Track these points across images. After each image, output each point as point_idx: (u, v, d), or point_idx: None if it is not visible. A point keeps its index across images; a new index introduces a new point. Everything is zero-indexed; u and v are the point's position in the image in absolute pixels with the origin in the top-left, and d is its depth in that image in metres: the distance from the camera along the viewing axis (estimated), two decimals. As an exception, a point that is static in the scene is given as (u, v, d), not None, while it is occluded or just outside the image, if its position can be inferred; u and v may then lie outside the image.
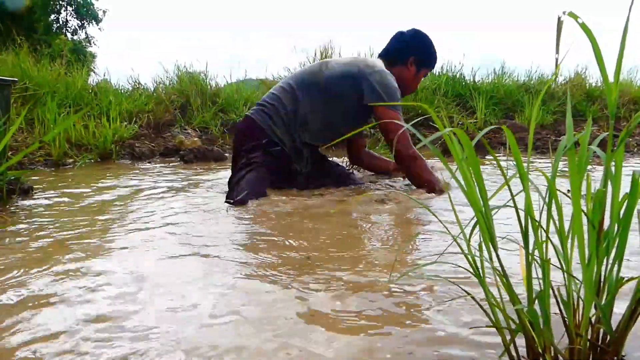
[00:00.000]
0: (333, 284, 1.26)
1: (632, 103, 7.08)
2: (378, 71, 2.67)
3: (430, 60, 2.94)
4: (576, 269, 0.79)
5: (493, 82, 7.20)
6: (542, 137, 5.40)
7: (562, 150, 0.77)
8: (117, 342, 0.96)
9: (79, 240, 1.72)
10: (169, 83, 6.08)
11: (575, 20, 0.74)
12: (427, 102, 6.39)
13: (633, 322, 0.79)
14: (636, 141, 5.12)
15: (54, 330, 1.01)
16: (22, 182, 2.60)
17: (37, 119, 4.57)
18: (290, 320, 1.05)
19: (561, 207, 0.79)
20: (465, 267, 0.87)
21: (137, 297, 1.18)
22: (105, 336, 0.98)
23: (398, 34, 2.95)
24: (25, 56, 5.56)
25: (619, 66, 0.77)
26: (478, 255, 0.83)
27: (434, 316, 1.06)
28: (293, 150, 2.67)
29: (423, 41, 2.90)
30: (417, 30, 2.93)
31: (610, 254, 0.79)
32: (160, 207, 2.30)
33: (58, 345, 0.95)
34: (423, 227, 1.89)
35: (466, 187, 0.80)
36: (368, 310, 1.09)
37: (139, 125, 5.13)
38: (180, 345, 0.94)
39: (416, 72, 2.89)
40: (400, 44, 2.91)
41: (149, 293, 1.21)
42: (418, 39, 2.91)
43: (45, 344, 0.95)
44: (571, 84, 7.42)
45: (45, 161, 4.09)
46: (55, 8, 23.64)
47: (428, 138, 0.75)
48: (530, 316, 0.78)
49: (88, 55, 19.74)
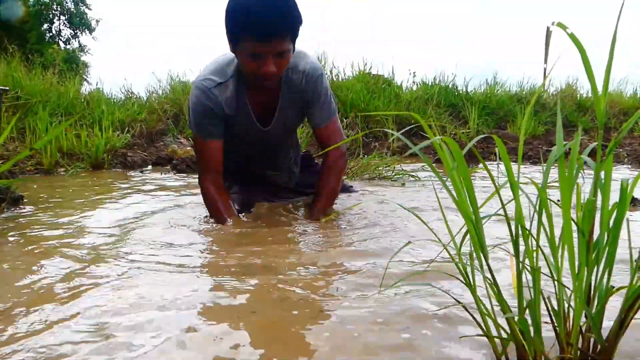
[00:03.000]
0: (319, 292, 1.25)
1: (622, 114, 7.16)
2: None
3: (229, 23, 1.80)
4: (567, 278, 0.79)
5: (485, 92, 7.26)
6: (533, 147, 5.44)
7: (553, 160, 0.77)
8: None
9: (67, 249, 1.71)
10: (161, 92, 6.10)
11: (564, 30, 0.75)
12: (420, 112, 6.42)
13: (623, 331, 0.79)
14: (626, 151, 5.16)
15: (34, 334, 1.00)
16: (12, 191, 2.59)
17: (28, 128, 4.55)
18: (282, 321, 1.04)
19: (551, 216, 0.79)
20: (456, 275, 0.87)
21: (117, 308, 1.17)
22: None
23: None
24: (17, 65, 5.55)
25: (607, 77, 0.77)
26: (469, 263, 0.83)
27: (424, 325, 1.06)
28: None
29: (227, 7, 1.81)
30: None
31: (600, 263, 0.79)
32: (148, 217, 2.29)
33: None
34: (412, 236, 1.89)
35: (457, 195, 0.80)
36: (359, 318, 1.09)
37: (131, 135, 5.12)
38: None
39: (234, 48, 1.88)
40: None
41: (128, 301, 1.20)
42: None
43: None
44: (562, 94, 7.49)
45: (36, 170, 4.07)
46: (48, 17, 23.66)
47: (418, 145, 0.75)
48: (521, 325, 0.78)
49: (81, 64, 19.73)
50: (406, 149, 5.13)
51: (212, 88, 2.02)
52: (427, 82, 7.40)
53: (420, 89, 7.16)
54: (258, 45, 1.78)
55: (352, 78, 6.93)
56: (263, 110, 2.15)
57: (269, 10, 1.72)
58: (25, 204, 2.59)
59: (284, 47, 1.81)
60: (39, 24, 22.66)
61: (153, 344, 0.97)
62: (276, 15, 1.73)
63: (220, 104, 2.04)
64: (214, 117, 2.06)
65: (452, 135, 5.80)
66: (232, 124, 2.13)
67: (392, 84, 7.18)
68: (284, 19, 1.76)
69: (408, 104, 6.52)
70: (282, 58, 1.85)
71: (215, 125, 2.08)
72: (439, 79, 7.36)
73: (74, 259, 1.58)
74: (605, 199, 0.78)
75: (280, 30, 1.76)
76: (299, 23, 1.84)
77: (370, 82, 6.81)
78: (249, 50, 1.80)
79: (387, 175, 3.66)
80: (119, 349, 0.95)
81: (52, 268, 1.49)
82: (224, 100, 2.04)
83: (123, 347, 0.96)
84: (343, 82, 6.68)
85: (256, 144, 2.29)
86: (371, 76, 7.08)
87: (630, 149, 5.29)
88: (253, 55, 1.81)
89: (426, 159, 0.81)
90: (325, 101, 2.16)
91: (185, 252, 1.66)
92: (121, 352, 0.94)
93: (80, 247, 1.76)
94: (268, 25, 1.73)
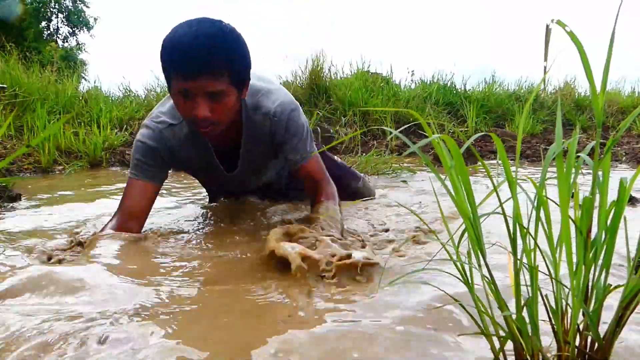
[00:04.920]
0: (319, 290, 1.25)
1: (620, 113, 7.17)
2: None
3: (161, 59, 1.61)
4: (564, 277, 0.79)
5: (484, 90, 7.27)
6: (532, 146, 5.44)
7: (551, 157, 0.77)
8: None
9: (62, 248, 1.71)
10: (160, 90, 6.08)
11: (563, 28, 0.74)
12: (418, 110, 6.42)
13: (620, 329, 0.80)
14: (624, 150, 5.17)
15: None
16: (9, 189, 2.58)
17: (26, 126, 4.55)
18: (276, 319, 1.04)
19: (549, 214, 0.79)
20: (454, 273, 0.87)
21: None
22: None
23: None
24: (15, 63, 5.54)
25: (605, 75, 0.77)
26: (467, 262, 0.83)
27: (421, 322, 1.06)
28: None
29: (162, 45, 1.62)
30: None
31: (598, 261, 0.79)
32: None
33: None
34: (410, 233, 1.89)
35: (455, 194, 0.80)
36: (353, 316, 1.09)
37: (129, 133, 5.11)
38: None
39: (169, 89, 1.67)
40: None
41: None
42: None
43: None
44: (561, 93, 7.50)
45: (34, 168, 4.06)
46: (46, 15, 23.60)
47: (416, 144, 0.75)
48: (519, 323, 0.78)
49: (79, 62, 19.70)
50: (404, 147, 5.13)
51: (163, 129, 1.83)
52: (426, 80, 7.40)
53: (418, 88, 7.16)
54: (184, 82, 1.56)
55: (351, 76, 6.93)
56: (228, 152, 1.93)
57: (198, 43, 1.52)
58: (23, 202, 2.59)
59: (216, 88, 1.57)
60: (37, 21, 22.59)
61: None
62: (205, 49, 1.52)
63: (170, 148, 1.85)
64: (158, 159, 1.84)
65: (451, 133, 5.80)
66: (194, 169, 1.97)
67: (391, 82, 7.18)
68: (215, 54, 1.54)
69: (406, 103, 6.52)
70: (218, 101, 1.60)
71: (158, 168, 1.85)
72: (438, 78, 7.37)
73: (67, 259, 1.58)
74: (603, 197, 0.78)
75: (208, 67, 1.54)
76: (241, 63, 1.63)
77: (369, 81, 6.81)
78: (177, 89, 1.59)
79: (386, 172, 3.66)
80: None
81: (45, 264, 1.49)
82: (177, 144, 1.85)
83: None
84: (341, 81, 6.68)
85: (225, 186, 2.11)
86: (369, 74, 7.08)
87: (628, 148, 5.30)
88: (182, 94, 1.59)
89: (425, 157, 0.81)
90: (300, 139, 1.89)
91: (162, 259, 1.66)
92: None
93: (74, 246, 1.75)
94: (194, 60, 1.53)
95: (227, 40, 1.57)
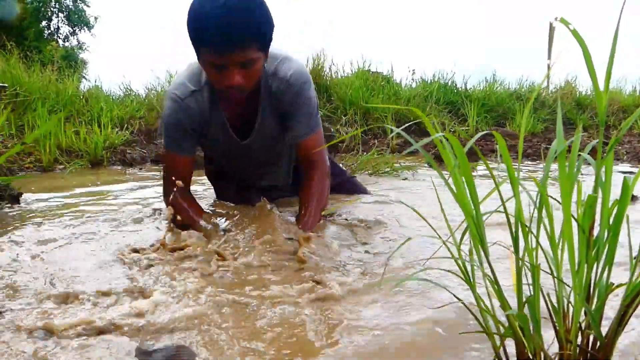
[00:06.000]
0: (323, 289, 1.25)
1: (622, 111, 7.16)
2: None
3: (189, 33, 1.64)
4: (567, 275, 0.79)
5: (485, 89, 7.25)
6: (533, 145, 5.44)
7: (553, 156, 0.77)
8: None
9: (64, 249, 1.71)
10: (160, 89, 6.07)
11: (567, 26, 0.74)
12: (419, 109, 6.39)
13: (622, 328, 0.79)
14: (626, 149, 5.16)
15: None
16: (11, 188, 2.58)
17: (27, 125, 4.54)
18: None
19: (552, 213, 0.79)
20: (456, 272, 0.87)
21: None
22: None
23: None
24: (15, 62, 5.52)
25: (609, 73, 0.77)
26: (469, 260, 0.82)
27: (424, 321, 1.06)
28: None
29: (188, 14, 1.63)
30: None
31: (600, 260, 0.79)
32: (140, 214, 2.28)
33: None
34: (412, 232, 1.89)
35: (457, 192, 0.80)
36: (358, 314, 1.09)
37: (130, 132, 5.11)
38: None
39: (198, 59, 1.71)
40: None
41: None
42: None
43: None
44: (562, 92, 7.49)
45: (35, 167, 4.06)
46: (47, 15, 23.59)
47: (419, 142, 0.75)
48: (521, 321, 0.78)
49: (80, 61, 19.68)
50: (405, 146, 5.13)
51: (186, 98, 1.84)
52: (427, 79, 7.39)
53: (419, 87, 7.14)
54: (217, 57, 1.58)
55: (352, 75, 6.92)
56: (242, 121, 1.94)
57: (227, 19, 1.50)
58: (24, 201, 2.59)
59: (248, 57, 1.59)
60: (38, 21, 22.58)
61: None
62: (235, 24, 1.51)
63: (194, 116, 1.87)
64: (186, 132, 1.88)
65: (452, 132, 5.80)
66: (207, 137, 1.97)
67: (391, 81, 7.16)
68: (246, 28, 1.53)
69: (407, 102, 6.51)
70: (250, 68, 1.63)
71: (187, 140, 1.91)
72: (438, 77, 7.35)
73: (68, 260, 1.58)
74: (605, 195, 0.78)
75: (240, 41, 1.54)
76: (267, 27, 1.63)
77: (370, 80, 6.79)
78: (208, 61, 1.62)
79: (387, 170, 3.66)
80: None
81: (46, 266, 1.49)
82: (198, 109, 1.86)
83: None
84: (342, 79, 6.67)
85: (237, 158, 2.11)
86: (370, 73, 7.07)
87: (630, 147, 5.30)
88: (215, 66, 1.62)
89: (427, 155, 0.81)
90: (307, 112, 1.91)
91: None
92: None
93: (77, 248, 1.76)
94: (226, 37, 1.52)
95: (253, 9, 1.55)
